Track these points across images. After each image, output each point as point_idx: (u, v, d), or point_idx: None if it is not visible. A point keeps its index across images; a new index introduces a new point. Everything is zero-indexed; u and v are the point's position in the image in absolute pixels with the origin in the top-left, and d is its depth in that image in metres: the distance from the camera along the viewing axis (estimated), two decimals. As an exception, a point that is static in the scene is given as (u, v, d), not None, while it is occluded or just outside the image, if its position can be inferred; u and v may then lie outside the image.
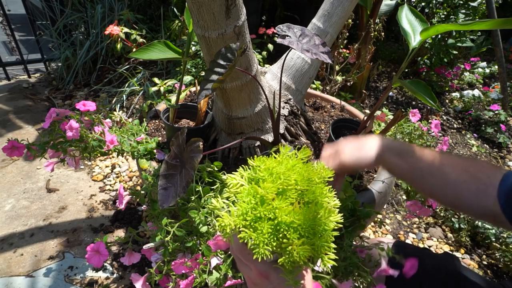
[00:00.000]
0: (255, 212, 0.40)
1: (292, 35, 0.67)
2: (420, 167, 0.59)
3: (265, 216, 0.39)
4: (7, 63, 2.23)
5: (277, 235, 0.39)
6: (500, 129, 1.93)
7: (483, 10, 2.06)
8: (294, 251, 0.38)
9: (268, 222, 0.39)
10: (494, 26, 0.63)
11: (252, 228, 0.39)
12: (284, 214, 0.39)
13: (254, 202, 0.41)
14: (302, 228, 0.39)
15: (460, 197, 0.56)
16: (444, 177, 0.57)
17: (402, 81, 0.76)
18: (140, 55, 0.84)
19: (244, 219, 0.40)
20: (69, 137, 0.73)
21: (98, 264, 0.67)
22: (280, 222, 0.39)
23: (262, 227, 0.39)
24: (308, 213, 0.40)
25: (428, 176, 0.59)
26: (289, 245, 0.39)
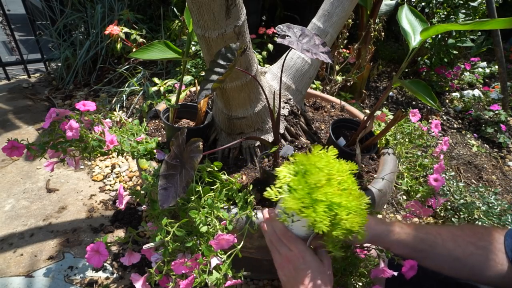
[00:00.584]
0: (313, 196, 0.50)
1: (292, 35, 0.67)
2: (422, 248, 0.60)
3: (320, 199, 0.50)
4: (7, 63, 2.23)
5: (330, 213, 0.49)
6: (500, 129, 1.93)
7: (483, 10, 2.06)
8: (347, 223, 0.49)
9: (322, 203, 0.49)
10: (494, 26, 0.63)
11: (312, 208, 0.49)
12: (334, 196, 0.50)
13: (308, 189, 0.51)
14: (349, 207, 0.50)
15: (475, 271, 0.56)
16: (449, 253, 0.58)
17: (402, 81, 0.76)
18: (140, 55, 0.84)
19: (302, 202, 0.50)
20: (69, 137, 0.73)
21: (98, 264, 0.67)
22: (332, 203, 0.50)
23: (319, 207, 0.49)
24: (348, 196, 0.52)
25: (433, 256, 0.59)
26: (341, 219, 0.49)
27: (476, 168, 1.69)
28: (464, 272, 0.57)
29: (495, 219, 1.20)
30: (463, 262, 0.57)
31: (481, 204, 1.27)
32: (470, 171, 1.67)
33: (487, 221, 1.20)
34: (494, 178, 1.65)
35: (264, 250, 0.74)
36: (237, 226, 0.69)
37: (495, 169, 1.71)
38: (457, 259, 0.57)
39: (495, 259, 0.55)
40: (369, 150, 0.91)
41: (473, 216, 1.24)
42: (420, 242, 0.60)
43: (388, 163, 0.90)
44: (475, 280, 0.57)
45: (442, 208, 1.35)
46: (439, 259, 0.59)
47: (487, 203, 1.27)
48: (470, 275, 0.57)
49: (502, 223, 1.17)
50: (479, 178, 1.64)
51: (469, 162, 1.72)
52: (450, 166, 1.69)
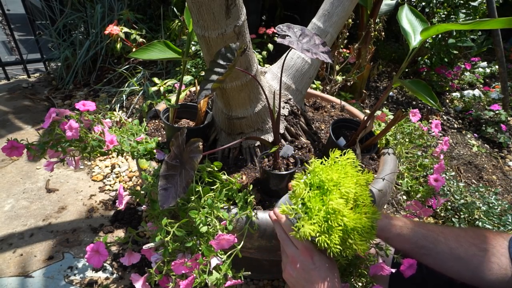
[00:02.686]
0: (329, 223, 0.50)
1: (292, 35, 0.67)
2: (423, 245, 0.59)
3: (336, 225, 0.49)
4: (7, 63, 2.23)
5: (344, 237, 0.50)
6: (500, 129, 1.92)
7: (484, 9, 2.06)
8: (358, 248, 0.50)
9: (339, 228, 0.49)
10: (494, 26, 0.63)
11: (326, 234, 0.50)
12: (350, 220, 0.50)
13: (324, 212, 0.50)
14: (362, 230, 0.50)
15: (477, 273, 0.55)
16: (451, 252, 0.58)
17: (402, 81, 0.76)
18: (140, 55, 0.84)
19: (319, 226, 0.50)
20: (68, 137, 0.72)
21: (97, 264, 0.66)
22: (347, 229, 0.50)
23: (335, 233, 0.49)
24: (363, 216, 0.51)
25: (435, 254, 0.59)
26: (354, 244, 0.50)
27: (477, 168, 1.69)
28: (466, 273, 0.57)
29: (495, 219, 1.20)
30: (465, 262, 0.56)
31: (481, 204, 1.27)
32: (470, 171, 1.67)
33: (487, 221, 1.19)
34: (495, 178, 1.65)
35: (264, 250, 0.74)
36: (237, 226, 0.69)
37: (495, 169, 1.71)
38: (459, 259, 0.57)
39: (498, 262, 0.54)
40: (369, 150, 0.90)
41: (474, 216, 1.24)
42: (422, 238, 0.60)
43: (388, 163, 0.90)
44: (477, 282, 0.56)
45: (442, 208, 1.35)
46: (441, 257, 0.58)
47: (488, 203, 1.27)
48: (471, 276, 0.56)
49: (503, 223, 1.16)
50: (480, 178, 1.64)
51: (470, 162, 1.72)
52: (451, 166, 1.68)
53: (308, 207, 0.52)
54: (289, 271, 0.58)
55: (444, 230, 0.61)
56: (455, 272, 0.58)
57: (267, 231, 0.69)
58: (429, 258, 0.59)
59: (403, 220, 0.62)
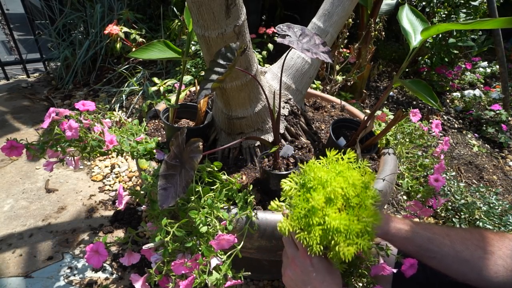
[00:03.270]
0: (307, 220, 0.48)
1: (292, 34, 0.67)
2: (429, 248, 0.59)
3: (316, 222, 0.47)
4: (6, 63, 2.22)
5: (327, 236, 0.47)
6: (501, 129, 1.92)
7: (484, 9, 2.05)
8: (341, 251, 0.46)
9: (319, 227, 0.47)
10: (495, 26, 0.63)
11: (306, 231, 0.48)
12: (332, 220, 0.47)
13: (306, 210, 0.49)
14: (347, 231, 0.47)
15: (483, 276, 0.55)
16: (457, 255, 0.57)
17: (402, 80, 0.76)
18: (139, 55, 0.84)
19: (299, 223, 0.49)
20: (68, 137, 0.72)
21: (97, 265, 0.66)
22: (328, 228, 0.47)
23: (314, 231, 0.47)
24: (353, 217, 0.48)
25: (440, 257, 0.58)
26: (336, 245, 0.47)
27: (477, 168, 1.69)
28: (472, 275, 0.56)
29: (496, 219, 1.19)
30: (471, 265, 0.56)
31: (482, 205, 1.27)
32: (471, 171, 1.67)
33: (488, 222, 1.19)
34: (495, 178, 1.64)
35: (264, 251, 0.74)
36: (237, 226, 0.69)
37: (496, 169, 1.71)
38: (465, 261, 0.56)
39: (503, 264, 0.54)
40: (369, 150, 0.90)
41: (474, 217, 1.24)
42: (427, 241, 0.59)
43: (388, 163, 0.90)
44: (483, 284, 0.56)
45: (442, 208, 1.35)
46: (446, 260, 0.58)
47: (488, 203, 1.27)
48: (477, 279, 0.56)
49: (503, 223, 1.16)
50: (480, 178, 1.64)
51: (470, 162, 1.72)
52: (451, 166, 1.68)
53: (292, 205, 0.52)
54: (288, 273, 0.58)
55: (450, 232, 0.60)
56: (460, 274, 0.57)
57: (267, 231, 0.69)
58: (435, 261, 0.59)
59: (407, 223, 0.62)
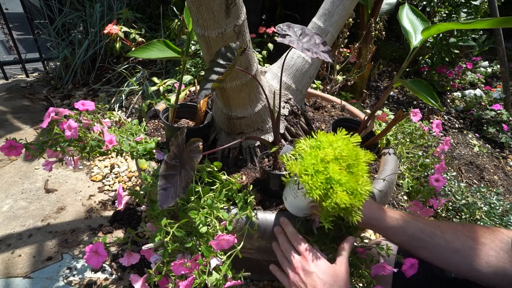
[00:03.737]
0: (315, 167, 0.55)
1: (292, 34, 0.67)
2: (420, 237, 0.59)
3: (321, 171, 0.54)
4: (5, 63, 2.22)
5: (326, 186, 0.54)
6: (502, 129, 1.92)
7: (485, 8, 2.05)
8: (337, 197, 0.53)
9: (322, 175, 0.54)
10: (495, 25, 0.63)
11: (309, 176, 0.54)
12: (335, 173, 0.54)
13: (315, 160, 0.56)
14: (345, 185, 0.54)
15: (473, 266, 0.55)
16: (448, 245, 0.57)
17: (403, 80, 0.75)
18: (139, 54, 0.83)
19: (305, 170, 0.55)
20: (67, 137, 0.72)
21: (97, 265, 0.66)
22: (331, 177, 0.54)
23: (317, 177, 0.54)
24: (351, 178, 0.55)
25: (431, 246, 0.58)
26: (334, 193, 0.53)
27: (478, 168, 1.68)
28: (463, 266, 0.56)
29: (497, 220, 1.19)
30: (462, 255, 0.56)
31: (483, 205, 1.26)
32: (471, 171, 1.67)
33: (489, 222, 1.19)
34: (496, 178, 1.64)
35: (264, 251, 0.73)
36: (237, 227, 0.68)
37: (497, 169, 1.71)
38: (456, 251, 0.57)
39: (495, 256, 0.54)
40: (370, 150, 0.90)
41: (475, 217, 1.24)
42: (419, 231, 0.59)
43: (389, 163, 0.89)
44: (473, 275, 0.56)
45: (443, 208, 1.35)
46: (437, 249, 0.58)
47: (489, 204, 1.27)
48: (468, 269, 0.56)
49: (504, 224, 1.16)
50: (481, 178, 1.63)
51: (471, 162, 1.71)
52: (452, 166, 1.68)
53: (302, 157, 0.59)
54: (292, 278, 0.58)
55: (441, 224, 0.61)
56: (451, 264, 0.58)
57: (267, 232, 0.69)
58: (426, 251, 0.59)
59: (399, 213, 0.63)
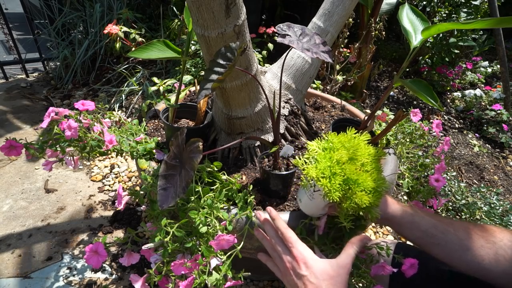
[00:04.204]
0: (332, 169, 0.55)
1: (292, 34, 0.67)
2: (433, 234, 0.59)
3: (338, 173, 0.55)
4: (5, 62, 2.22)
5: (345, 187, 0.54)
6: (502, 129, 1.92)
7: (485, 8, 2.05)
8: (357, 198, 0.53)
9: (340, 177, 0.54)
10: (495, 25, 0.63)
11: (328, 179, 0.55)
12: (352, 173, 0.55)
13: (330, 163, 0.56)
14: (363, 184, 0.54)
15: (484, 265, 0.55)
16: (460, 243, 0.57)
17: (403, 80, 0.75)
18: (139, 54, 0.83)
19: (322, 173, 0.55)
20: (67, 137, 0.72)
21: (96, 265, 0.66)
22: (348, 178, 0.54)
23: (335, 179, 0.54)
24: (368, 177, 0.56)
25: (444, 243, 0.59)
26: (353, 194, 0.54)
27: (478, 168, 1.68)
28: (473, 264, 0.56)
29: (497, 220, 1.19)
30: (473, 253, 0.56)
31: (483, 205, 1.26)
32: (471, 171, 1.67)
33: (489, 222, 1.19)
34: (496, 178, 1.64)
35: (264, 251, 0.73)
36: (237, 227, 0.68)
37: (497, 169, 1.71)
38: (467, 249, 0.57)
39: (504, 255, 0.54)
40: (370, 150, 0.90)
41: (475, 217, 1.24)
42: (432, 227, 0.60)
43: (389, 163, 0.89)
44: (483, 274, 0.56)
45: (443, 208, 1.35)
46: (450, 246, 0.58)
47: (489, 204, 1.27)
48: (478, 268, 0.56)
49: (504, 224, 1.16)
50: (481, 178, 1.63)
51: (471, 162, 1.71)
52: (452, 166, 1.68)
53: (317, 160, 0.59)
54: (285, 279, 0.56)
55: (454, 222, 0.61)
56: (463, 262, 0.57)
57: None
58: (438, 248, 0.59)
59: (412, 207, 0.63)
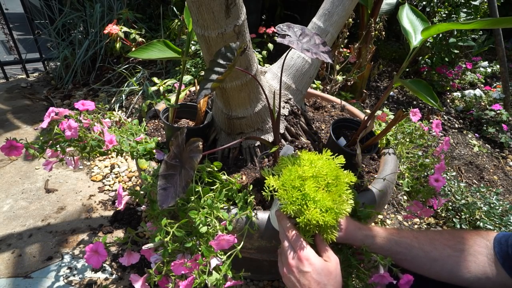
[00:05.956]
0: (292, 183, 0.56)
1: (292, 34, 0.67)
2: (397, 251, 0.62)
3: (297, 187, 0.56)
4: (5, 63, 2.22)
5: (302, 202, 0.55)
6: (502, 129, 1.92)
7: (485, 9, 2.05)
8: (310, 214, 0.53)
9: (298, 192, 0.55)
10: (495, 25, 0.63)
11: (285, 191, 0.56)
12: (311, 190, 0.55)
13: (292, 177, 0.57)
14: (320, 204, 0.54)
15: (454, 273, 0.57)
16: (427, 255, 0.60)
17: (403, 80, 0.75)
18: (139, 55, 0.84)
19: (283, 185, 0.57)
20: (67, 137, 0.72)
21: (97, 265, 0.66)
22: (306, 194, 0.55)
23: (293, 192, 0.55)
24: (327, 196, 0.56)
25: (410, 258, 0.61)
26: (308, 209, 0.54)
27: (478, 168, 1.68)
28: (444, 273, 0.59)
29: (496, 220, 1.19)
30: (441, 263, 0.58)
31: (482, 205, 1.26)
32: (471, 171, 1.67)
33: (488, 222, 1.19)
34: (496, 178, 1.64)
35: (264, 251, 0.73)
36: (237, 227, 0.69)
37: (496, 169, 1.71)
38: (435, 261, 0.59)
39: (475, 261, 0.56)
40: (369, 150, 0.90)
41: (475, 217, 1.24)
42: (395, 244, 0.62)
43: (388, 163, 0.89)
44: (455, 281, 0.58)
45: (443, 208, 1.35)
46: (417, 260, 0.60)
47: (489, 204, 1.27)
48: (449, 276, 0.58)
49: (504, 224, 1.16)
50: (481, 178, 1.63)
51: (471, 162, 1.71)
52: (451, 166, 1.68)
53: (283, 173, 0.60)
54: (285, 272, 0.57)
55: (418, 235, 0.63)
56: (433, 273, 0.60)
57: (267, 232, 0.69)
58: (406, 262, 0.62)
59: (376, 230, 0.65)
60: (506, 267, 0.54)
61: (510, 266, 0.53)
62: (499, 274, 0.54)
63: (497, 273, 0.54)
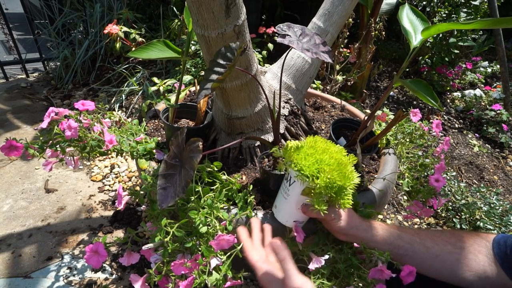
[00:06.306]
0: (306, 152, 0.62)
1: (292, 34, 0.67)
2: (400, 245, 0.61)
3: (312, 154, 0.61)
4: (5, 63, 2.22)
5: (317, 166, 0.59)
6: (502, 129, 1.92)
7: (485, 9, 2.05)
8: (329, 173, 0.58)
9: (313, 157, 0.61)
10: (495, 25, 0.63)
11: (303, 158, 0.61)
12: (321, 153, 0.62)
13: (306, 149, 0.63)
14: (333, 166, 0.59)
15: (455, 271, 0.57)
16: (428, 251, 0.59)
17: (403, 80, 0.75)
18: (139, 54, 0.84)
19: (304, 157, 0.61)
20: (67, 137, 0.72)
21: (97, 265, 0.66)
22: (319, 159, 0.60)
23: (308, 160, 0.60)
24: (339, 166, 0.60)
25: (412, 253, 0.60)
26: (323, 169, 0.59)
27: (478, 168, 1.68)
28: (445, 271, 0.58)
29: (496, 220, 1.19)
30: (442, 260, 0.58)
31: (482, 205, 1.26)
32: (471, 171, 1.67)
33: (488, 222, 1.19)
34: (496, 178, 1.64)
35: (264, 251, 0.73)
36: (237, 227, 0.68)
37: (496, 169, 1.71)
38: (436, 257, 0.58)
39: (475, 259, 0.56)
40: (369, 150, 0.90)
41: (475, 217, 1.24)
42: (398, 238, 0.62)
43: (389, 163, 0.89)
44: (456, 281, 0.58)
45: (443, 208, 1.35)
46: (418, 256, 0.60)
47: (489, 204, 1.27)
48: (450, 275, 0.58)
49: (504, 224, 1.16)
50: (481, 178, 1.63)
51: (471, 162, 1.71)
52: (452, 166, 1.68)
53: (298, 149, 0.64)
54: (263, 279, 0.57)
55: (420, 231, 0.63)
56: (434, 270, 0.59)
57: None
58: (408, 258, 0.61)
59: (378, 223, 0.65)
60: (505, 267, 0.54)
61: (508, 267, 0.54)
62: (499, 275, 0.54)
63: (497, 273, 0.54)
